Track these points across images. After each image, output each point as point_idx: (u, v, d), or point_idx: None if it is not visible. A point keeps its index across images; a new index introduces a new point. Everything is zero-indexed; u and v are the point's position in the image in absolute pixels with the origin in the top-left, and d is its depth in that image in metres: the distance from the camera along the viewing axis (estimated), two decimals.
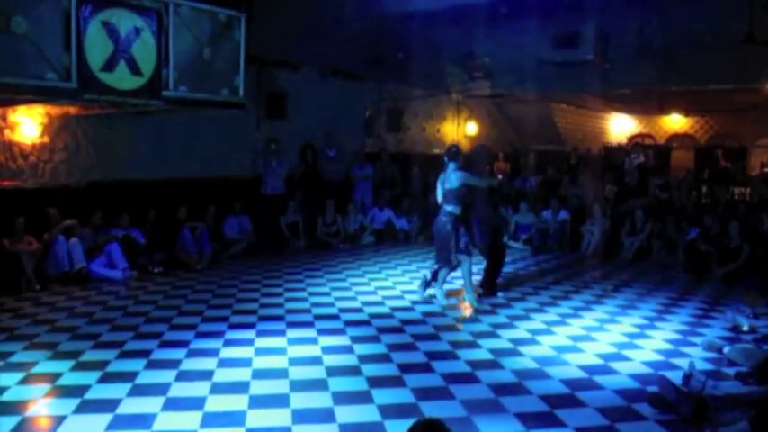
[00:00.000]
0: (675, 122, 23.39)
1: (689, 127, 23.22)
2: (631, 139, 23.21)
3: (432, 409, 4.82)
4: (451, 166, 8.05)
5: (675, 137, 23.29)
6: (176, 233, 10.43)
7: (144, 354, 6.08)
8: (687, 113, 22.76)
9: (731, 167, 16.00)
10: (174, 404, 4.92)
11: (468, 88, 16.67)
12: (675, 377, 5.20)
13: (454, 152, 8.17)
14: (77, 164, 10.31)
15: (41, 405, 4.96)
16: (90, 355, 6.03)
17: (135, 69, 7.80)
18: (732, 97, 18.04)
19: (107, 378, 5.45)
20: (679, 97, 18.55)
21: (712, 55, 12.62)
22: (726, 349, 6.24)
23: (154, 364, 5.80)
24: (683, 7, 12.13)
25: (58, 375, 5.50)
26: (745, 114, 20.27)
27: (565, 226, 12.80)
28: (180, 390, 5.21)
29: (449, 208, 8.07)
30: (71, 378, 5.47)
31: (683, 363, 5.84)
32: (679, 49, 12.67)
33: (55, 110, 9.82)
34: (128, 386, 5.25)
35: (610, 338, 6.82)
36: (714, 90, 16.18)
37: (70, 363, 5.81)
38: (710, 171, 15.67)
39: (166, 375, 5.51)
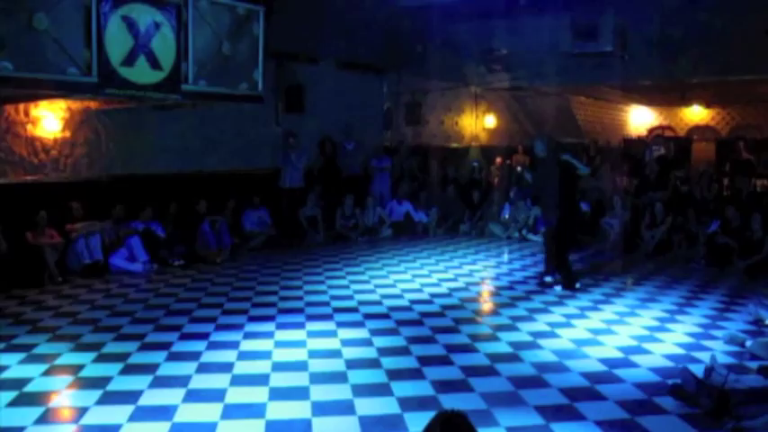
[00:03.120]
0: (696, 114, 23.13)
1: (710, 119, 22.96)
2: (651, 131, 22.97)
3: (451, 402, 4.81)
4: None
5: (696, 129, 23.02)
6: (196, 227, 10.50)
7: (165, 346, 6.14)
8: (708, 105, 22.49)
9: (754, 159, 15.80)
10: (194, 396, 4.96)
11: (486, 81, 16.60)
12: (697, 371, 5.14)
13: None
14: (98, 158, 10.40)
15: (64, 396, 5.03)
16: (112, 348, 6.10)
17: (155, 64, 7.86)
18: (754, 88, 17.81)
19: (129, 370, 5.51)
20: (700, 89, 18.34)
21: (733, 45, 12.46)
22: (748, 343, 6.18)
23: (174, 356, 5.85)
24: None
25: (80, 367, 5.57)
26: None
27: (585, 219, 12.70)
28: (200, 382, 5.26)
29: None
30: (93, 370, 5.53)
31: (704, 356, 5.79)
32: (699, 40, 12.53)
33: (76, 105, 9.91)
34: (149, 378, 5.31)
35: (630, 332, 6.77)
36: (735, 81, 15.98)
37: (92, 355, 5.88)
38: (732, 163, 15.46)
39: (187, 367, 5.56)
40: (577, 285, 8.61)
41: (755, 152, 16.79)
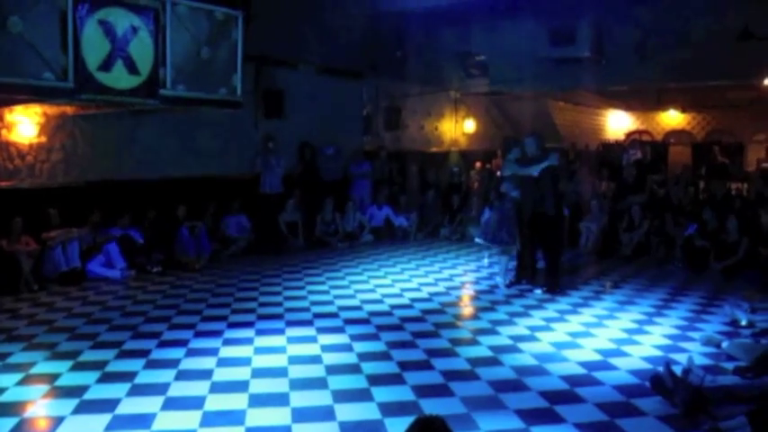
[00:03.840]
0: (672, 119, 23.41)
1: (686, 123, 23.24)
2: (629, 135, 23.21)
3: (431, 407, 4.82)
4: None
5: (672, 133, 23.30)
6: (175, 232, 10.42)
7: (143, 353, 6.08)
8: (684, 110, 22.79)
9: (728, 163, 16.02)
10: (173, 404, 4.92)
11: (465, 85, 16.68)
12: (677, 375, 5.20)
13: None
14: (75, 163, 10.29)
15: (40, 406, 4.95)
16: (89, 356, 6.03)
17: (132, 68, 7.79)
18: (729, 93, 18.07)
19: (106, 378, 5.45)
20: (676, 93, 18.58)
21: (709, 51, 12.63)
22: (724, 344, 6.26)
23: (153, 364, 5.80)
24: (679, 4, 12.16)
25: (56, 376, 5.50)
26: (742, 110, 20.30)
27: (563, 222, 12.77)
28: (179, 389, 5.21)
29: None
30: (70, 378, 5.47)
31: (681, 358, 5.84)
32: (675, 46, 12.68)
33: (52, 109, 9.80)
34: (127, 386, 5.25)
35: (609, 334, 6.82)
36: (711, 86, 16.19)
37: (69, 363, 5.80)
38: (708, 167, 15.68)
39: (165, 375, 5.51)
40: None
41: (730, 156, 17.04)
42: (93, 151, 10.47)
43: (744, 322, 7.09)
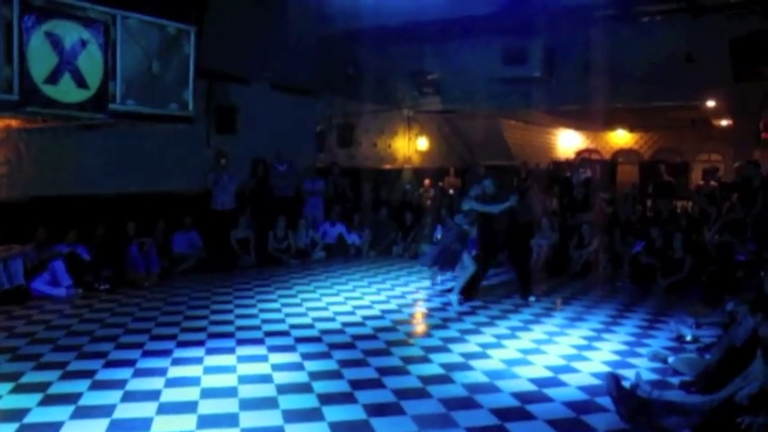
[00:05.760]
0: (621, 138, 24.00)
1: (634, 142, 23.85)
2: (579, 154, 23.69)
3: (383, 426, 4.80)
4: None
5: (621, 152, 23.88)
6: (124, 249, 10.21)
7: (88, 374, 5.91)
8: (632, 129, 23.39)
9: (674, 181, 16.45)
10: (118, 426, 4.79)
11: (418, 104, 16.82)
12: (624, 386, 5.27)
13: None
14: (20, 178, 10.02)
15: None
16: (30, 377, 5.83)
17: (80, 82, 7.65)
18: (674, 114, 18.61)
19: (48, 401, 5.28)
20: (623, 114, 19.04)
21: (655, 73, 12.99)
22: (670, 359, 6.39)
23: (98, 385, 5.64)
24: (627, 27, 12.49)
25: None
26: (687, 130, 20.93)
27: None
28: (125, 411, 5.08)
29: None
30: (10, 401, 5.27)
31: (629, 373, 5.92)
32: (623, 67, 13.01)
33: None
34: (70, 408, 5.09)
35: (559, 351, 6.90)
36: (657, 107, 16.66)
37: (9, 385, 5.59)
38: (654, 185, 16.07)
39: (111, 396, 5.36)
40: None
41: (675, 175, 17.49)
42: (38, 166, 10.21)
43: (689, 338, 7.25)
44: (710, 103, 15.62)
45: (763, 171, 11.22)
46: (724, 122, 19.73)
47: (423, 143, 18.85)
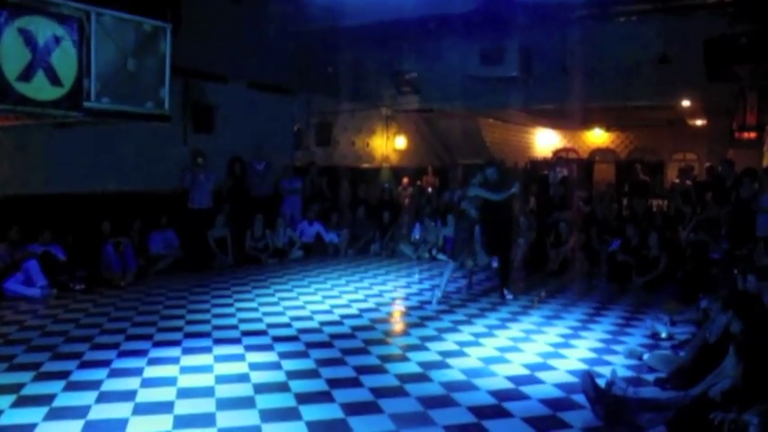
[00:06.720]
0: (597, 137, 24.18)
1: (610, 142, 24.05)
2: (556, 152, 23.85)
3: (360, 425, 4.80)
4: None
5: (597, 151, 24.08)
6: (99, 249, 10.11)
7: (62, 375, 5.84)
8: (608, 129, 23.58)
9: (650, 180, 16.62)
10: (93, 427, 4.74)
11: (396, 102, 16.86)
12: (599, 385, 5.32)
13: None
14: None
15: None
16: (3, 379, 5.75)
17: (54, 79, 7.52)
18: (650, 114, 18.81)
19: (22, 402, 5.21)
20: (600, 113, 19.21)
21: (631, 73, 13.13)
22: (645, 356, 6.46)
23: (73, 386, 5.58)
24: (603, 27, 12.61)
25: None
26: (662, 130, 21.16)
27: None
28: (100, 412, 5.03)
29: None
30: None
31: (605, 371, 5.99)
32: (599, 67, 13.13)
33: None
34: (44, 410, 5.03)
35: (536, 349, 6.94)
36: (633, 106, 16.82)
37: None
38: (630, 184, 16.22)
39: (86, 397, 5.30)
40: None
41: (651, 174, 17.67)
42: (11, 165, 10.07)
43: (664, 335, 7.32)
44: (686, 103, 15.80)
45: (737, 170, 11.35)
46: (699, 122, 19.96)
47: (401, 142, 18.87)
